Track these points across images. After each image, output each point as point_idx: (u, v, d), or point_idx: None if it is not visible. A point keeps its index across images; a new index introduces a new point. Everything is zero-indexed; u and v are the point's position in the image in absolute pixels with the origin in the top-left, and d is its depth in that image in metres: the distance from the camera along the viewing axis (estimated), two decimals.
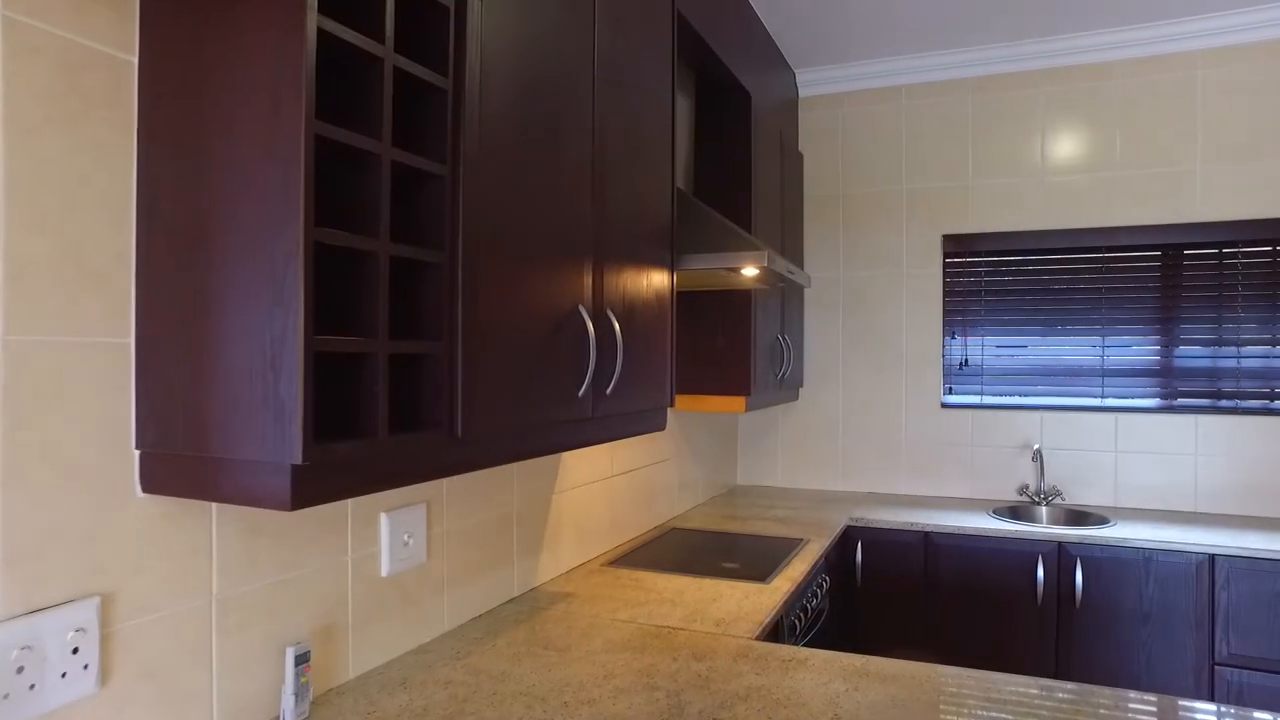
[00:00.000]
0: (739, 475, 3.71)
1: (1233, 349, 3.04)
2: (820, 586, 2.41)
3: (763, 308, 2.80)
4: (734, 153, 2.79)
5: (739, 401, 2.69)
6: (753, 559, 2.32)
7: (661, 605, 1.88)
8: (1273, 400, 2.98)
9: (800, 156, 3.52)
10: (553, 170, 1.38)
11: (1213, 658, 2.55)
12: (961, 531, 2.79)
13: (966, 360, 3.37)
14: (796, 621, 2.10)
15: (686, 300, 2.72)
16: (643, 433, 1.79)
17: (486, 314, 1.19)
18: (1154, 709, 1.34)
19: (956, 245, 3.37)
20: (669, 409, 1.92)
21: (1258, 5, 2.92)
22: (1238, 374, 3.03)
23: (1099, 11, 2.94)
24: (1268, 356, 3.00)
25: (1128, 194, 3.15)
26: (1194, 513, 3.02)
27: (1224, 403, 3.04)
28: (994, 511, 3.03)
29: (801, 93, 3.60)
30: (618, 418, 1.66)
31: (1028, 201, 3.28)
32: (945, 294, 3.40)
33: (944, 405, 3.39)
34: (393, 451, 1.06)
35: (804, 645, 2.15)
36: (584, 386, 1.44)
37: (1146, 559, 2.61)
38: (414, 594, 1.58)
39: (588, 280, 1.49)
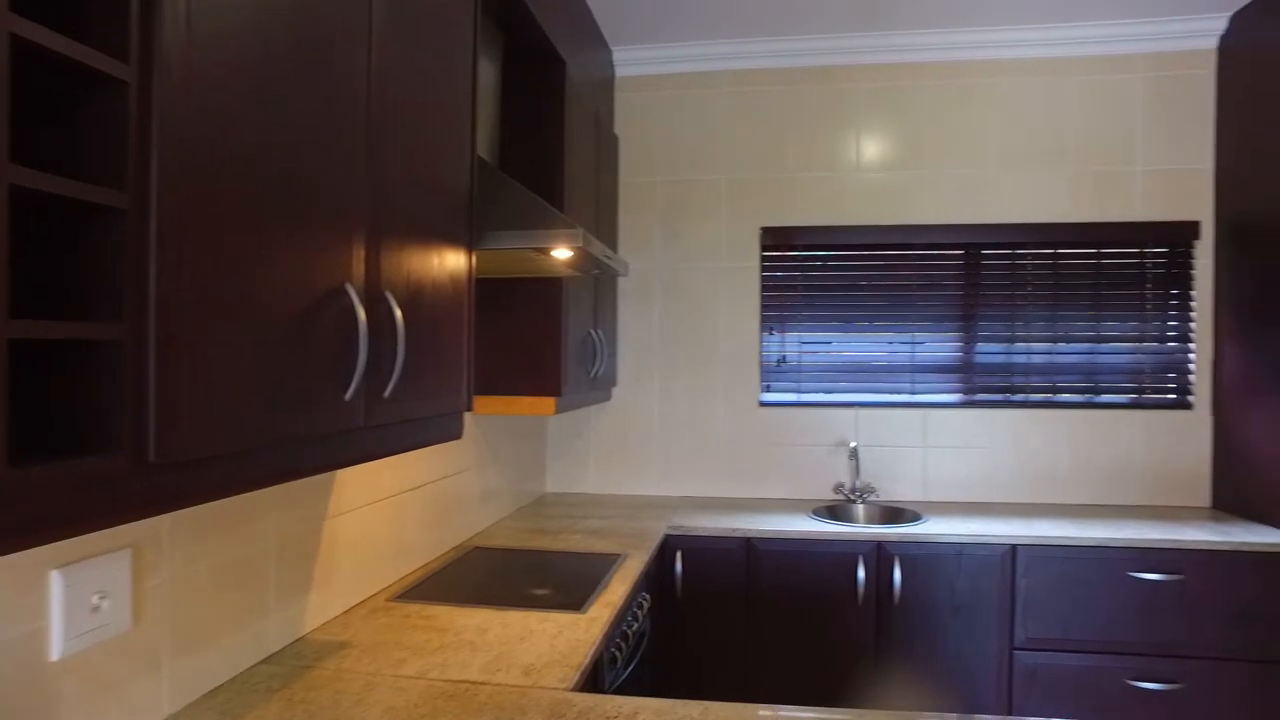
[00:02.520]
0: (548, 483, 3.43)
1: (1024, 346, 3.20)
2: (640, 607, 2.19)
3: (574, 299, 2.55)
4: (545, 127, 2.51)
5: (548, 403, 2.42)
6: (566, 582, 2.06)
7: (459, 650, 1.56)
8: (1055, 394, 3.18)
9: (616, 139, 3.31)
10: (311, 114, 1.03)
11: (1012, 642, 2.62)
12: (784, 536, 2.70)
13: (784, 357, 3.32)
14: (617, 653, 1.86)
15: (488, 289, 2.41)
16: (433, 442, 1.47)
17: (199, 287, 0.83)
18: None
19: (775, 238, 3.30)
20: (466, 413, 1.60)
21: (1052, 24, 3.08)
22: (1027, 369, 3.20)
23: (915, 12, 2.97)
24: (1050, 353, 3.19)
25: (934, 193, 3.23)
26: (994, 503, 3.14)
27: (1015, 397, 3.20)
28: (813, 512, 2.97)
29: (618, 73, 3.39)
30: (401, 426, 1.33)
31: (843, 197, 3.28)
32: (763, 288, 3.33)
33: (762, 403, 3.32)
34: (27, 492, 0.68)
35: (627, 677, 1.92)
36: (353, 388, 1.11)
37: (958, 553, 2.64)
38: (109, 677, 1.16)
39: (359, 254, 1.15)
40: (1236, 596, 2.55)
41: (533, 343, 2.42)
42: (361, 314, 1.10)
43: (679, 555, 2.72)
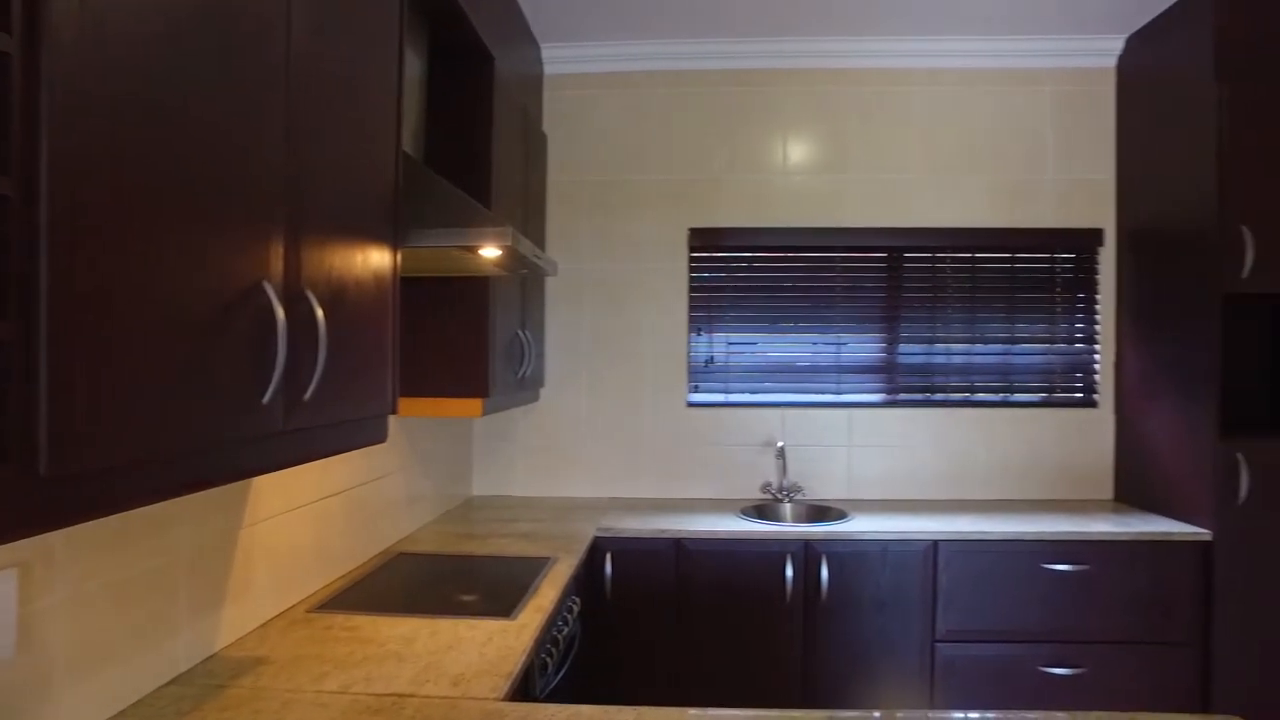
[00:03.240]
0: (475, 485, 3.37)
1: (943, 347, 3.31)
2: (571, 610, 2.16)
3: (501, 299, 2.50)
4: (473, 124, 2.45)
5: (475, 404, 2.36)
6: (495, 587, 2.02)
7: (384, 662, 1.51)
8: (973, 394, 3.30)
9: (544, 138, 3.27)
10: (225, 104, 0.97)
11: (934, 635, 2.70)
12: (713, 536, 2.71)
13: (712, 358, 3.34)
14: (548, 659, 1.83)
15: (414, 288, 2.34)
16: (357, 446, 1.42)
17: (98, 284, 0.77)
18: None
19: (703, 239, 3.32)
20: (391, 415, 1.55)
21: (967, 36, 3.19)
22: (947, 370, 3.31)
23: (841, 19, 3.03)
24: (968, 354, 3.30)
25: (859, 197, 3.30)
26: (916, 500, 3.23)
27: (936, 396, 3.30)
28: (742, 512, 3.00)
29: (547, 70, 3.35)
30: (323, 430, 1.27)
31: (770, 199, 3.32)
32: (691, 289, 3.34)
33: (690, 404, 3.33)
34: None
35: (559, 682, 1.89)
36: (270, 391, 1.05)
37: (883, 550, 2.70)
38: None
39: (277, 251, 1.09)
40: (1135, 583, 2.69)
41: (459, 343, 2.37)
42: (280, 313, 1.04)
43: (609, 557, 2.71)
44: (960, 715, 1.35)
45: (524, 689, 1.63)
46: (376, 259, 1.45)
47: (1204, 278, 2.72)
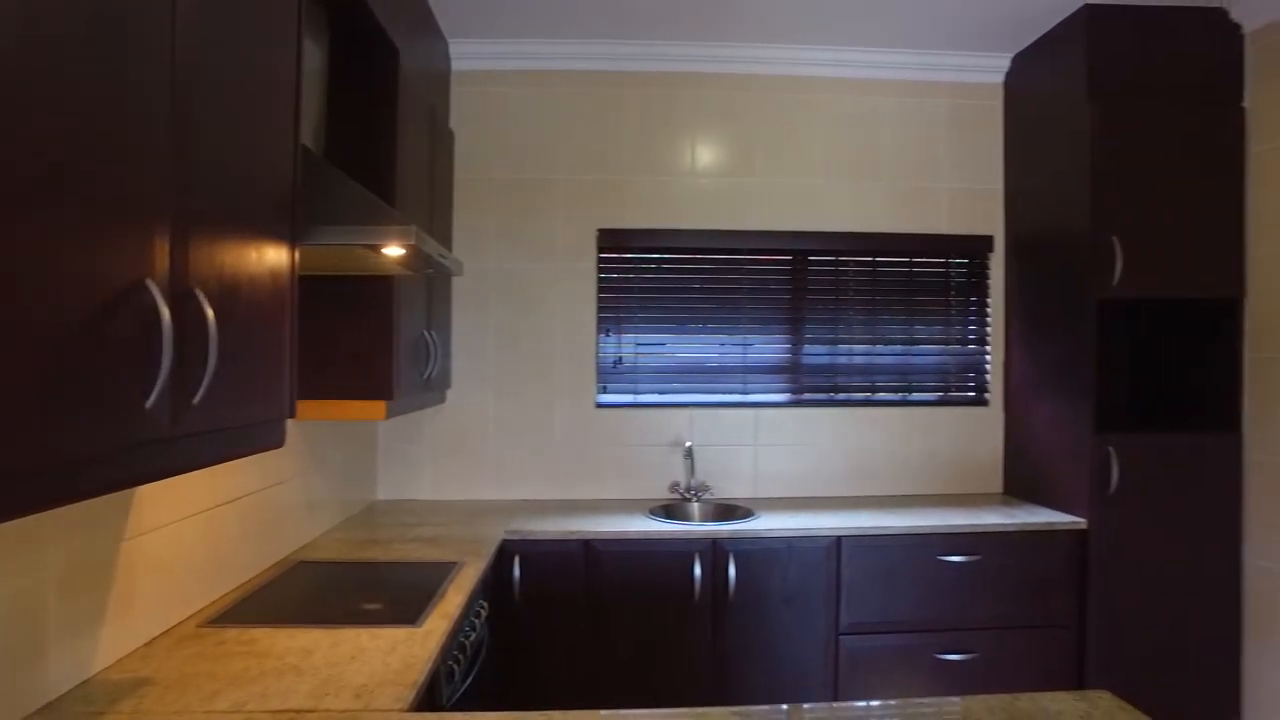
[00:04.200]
0: (379, 490, 3.27)
1: (846, 348, 3.41)
2: (478, 615, 2.13)
3: (407, 299, 2.44)
4: (377, 118, 2.38)
5: (378, 407, 2.30)
6: (400, 594, 1.97)
7: (282, 676, 1.45)
8: (874, 393, 3.42)
9: (451, 135, 3.21)
10: (102, 89, 0.91)
11: (838, 629, 2.79)
12: (622, 536, 2.72)
13: (620, 359, 3.35)
14: (455, 665, 1.79)
15: (314, 287, 2.25)
16: (252, 452, 1.36)
17: None
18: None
19: (611, 240, 3.32)
20: (289, 419, 1.49)
21: (869, 48, 3.30)
22: (849, 370, 3.42)
23: (748, 25, 3.09)
24: (870, 354, 3.42)
25: (765, 200, 3.37)
26: (820, 498, 3.32)
27: (839, 396, 3.40)
28: (650, 512, 3.02)
29: (455, 66, 3.29)
30: (214, 435, 1.21)
31: (679, 201, 3.35)
32: (599, 290, 3.34)
33: (599, 405, 3.33)
34: None
35: (467, 689, 1.86)
36: (155, 395, 0.99)
37: (789, 547, 2.77)
38: None
39: (162, 248, 1.03)
40: (1021, 571, 2.84)
41: (362, 344, 2.30)
42: (165, 312, 0.99)
43: (517, 560, 2.68)
44: (862, 705, 1.40)
45: (430, 698, 1.59)
46: (273, 257, 1.39)
47: (1080, 284, 2.91)
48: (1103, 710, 1.34)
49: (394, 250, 1.78)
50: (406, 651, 1.58)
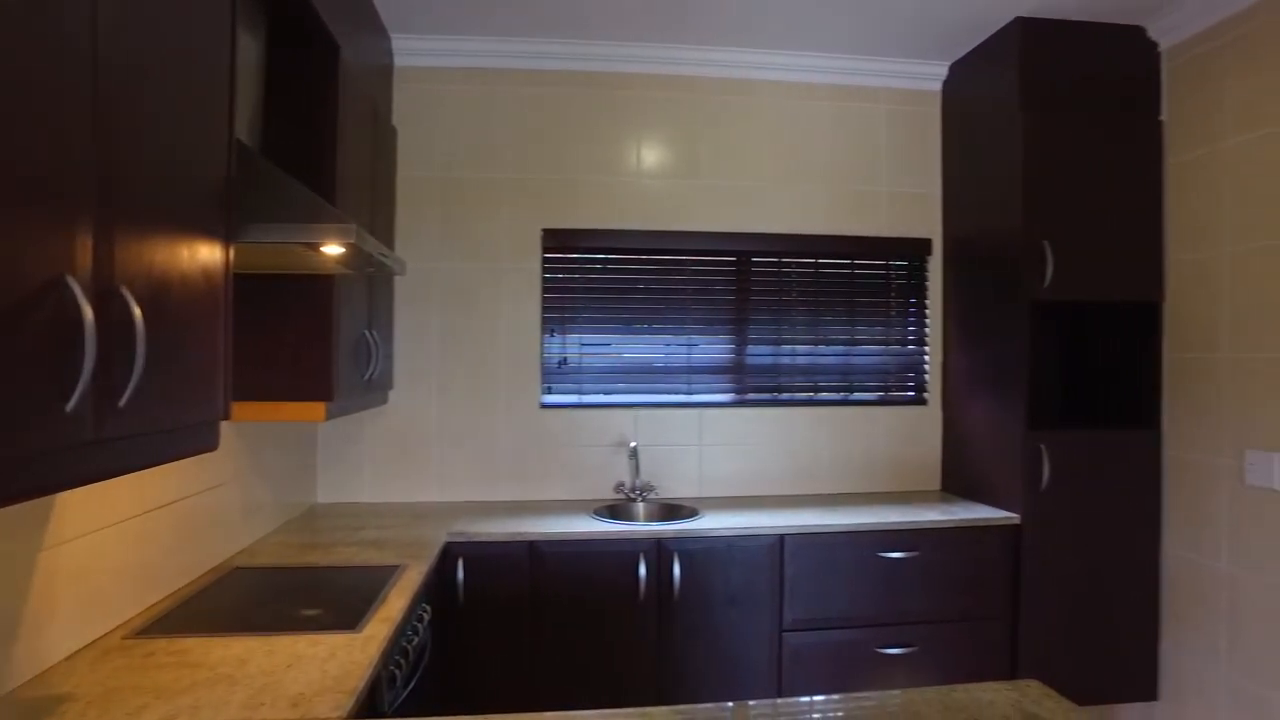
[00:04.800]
0: (319, 493, 3.20)
1: (789, 348, 3.46)
2: (421, 619, 2.10)
3: (347, 298, 2.39)
4: (317, 114, 2.32)
5: (318, 408, 2.25)
6: (340, 599, 1.93)
7: (214, 687, 1.40)
8: (817, 393, 3.48)
9: (394, 132, 3.15)
10: (13, 76, 0.87)
11: (781, 626, 2.82)
12: (566, 537, 2.71)
13: (565, 359, 3.34)
14: (397, 671, 1.76)
15: (251, 285, 2.18)
16: (183, 455, 1.31)
17: None
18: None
19: (556, 240, 3.31)
20: (224, 421, 1.45)
21: (811, 52, 3.35)
22: (792, 370, 3.47)
23: (694, 28, 3.11)
24: (812, 355, 3.48)
25: (709, 202, 3.40)
26: (764, 496, 3.36)
27: (783, 396, 3.45)
28: (595, 512, 3.01)
29: (398, 62, 3.23)
30: (142, 438, 1.17)
31: (624, 201, 3.35)
32: (544, 290, 3.33)
33: (543, 405, 3.31)
34: None
35: (409, 695, 1.83)
36: (76, 397, 0.95)
37: (732, 546, 2.80)
38: None
39: (84, 244, 0.99)
40: (958, 566, 2.93)
41: (301, 344, 2.24)
42: (88, 311, 0.95)
43: (461, 562, 2.65)
44: (806, 700, 1.42)
45: (371, 705, 1.57)
46: (206, 254, 1.35)
47: (1014, 286, 3.00)
48: (1032, 698, 1.38)
49: (333, 249, 1.75)
50: (346, 658, 1.55)
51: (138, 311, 1.07)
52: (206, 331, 1.35)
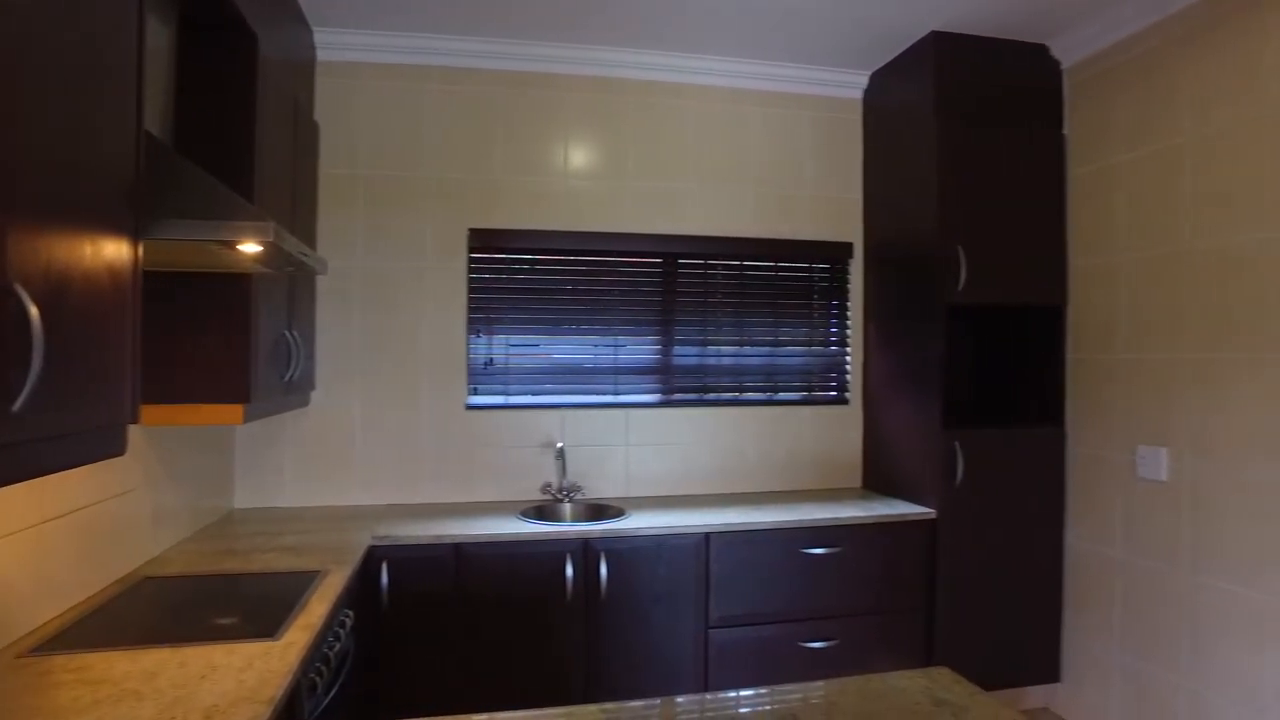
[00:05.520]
0: (237, 498, 3.10)
1: (715, 349, 3.52)
2: (343, 625, 2.06)
3: (266, 297, 2.33)
4: (234, 107, 2.25)
5: (235, 410, 2.18)
6: (258, 607, 1.87)
7: (120, 703, 1.35)
8: (742, 393, 3.54)
9: (316, 127, 3.08)
10: None
11: (707, 622, 2.87)
12: (493, 539, 2.69)
13: (491, 360, 3.31)
14: (317, 679, 1.72)
15: (165, 284, 2.10)
16: (87, 462, 1.26)
17: None
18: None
19: (483, 240, 3.28)
20: (131, 425, 1.39)
21: (739, 58, 3.41)
22: (718, 371, 3.52)
23: (622, 30, 3.12)
24: (737, 356, 3.54)
25: (637, 203, 3.42)
26: (690, 495, 3.41)
27: (708, 396, 3.50)
28: (522, 513, 3.00)
29: (320, 56, 3.15)
30: (40, 444, 1.12)
31: (551, 202, 3.35)
32: (470, 290, 3.30)
33: (469, 407, 3.28)
34: None
35: (330, 702, 1.79)
36: None
37: (659, 544, 2.83)
38: None
39: None
40: (878, 560, 3.02)
41: (217, 345, 2.17)
42: None
43: (385, 566, 2.60)
44: (733, 694, 1.45)
45: (290, 714, 1.53)
46: (112, 251, 1.30)
47: (930, 290, 3.12)
48: (941, 684, 1.45)
49: (250, 247, 1.70)
50: (264, 666, 1.51)
51: (34, 311, 1.02)
52: (112, 332, 1.30)
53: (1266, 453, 2.40)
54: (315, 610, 1.85)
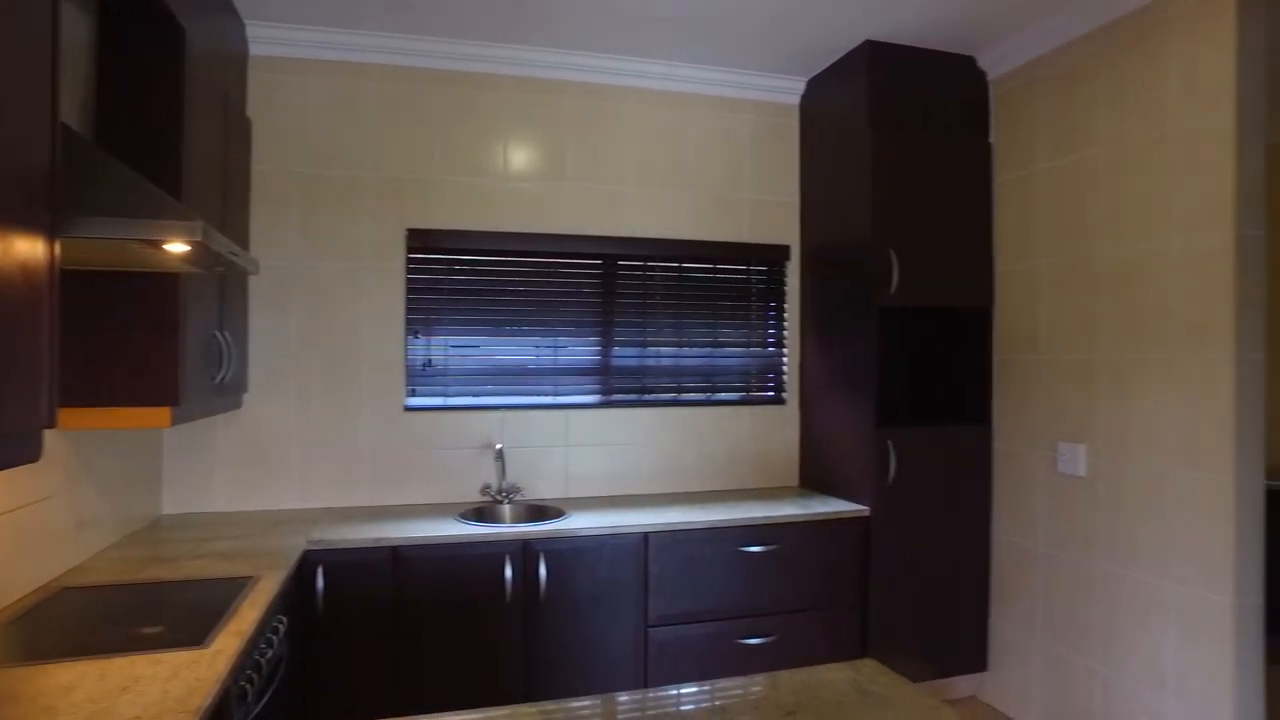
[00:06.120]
0: (165, 503, 3.01)
1: (654, 350, 3.55)
2: (276, 631, 2.02)
3: (196, 297, 2.27)
4: (160, 102, 2.18)
5: (162, 414, 2.12)
6: (186, 615, 1.83)
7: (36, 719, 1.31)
8: (681, 394, 3.58)
9: (249, 123, 3.01)
10: None
11: (646, 622, 2.89)
12: (431, 541, 2.67)
13: (430, 361, 3.28)
14: (248, 687, 1.69)
15: (87, 283, 2.04)
16: None
17: None
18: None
19: (421, 241, 3.25)
20: (48, 429, 1.35)
21: (679, 62, 3.45)
22: (657, 372, 3.56)
23: (562, 32, 3.13)
24: (677, 357, 3.58)
25: (577, 205, 3.43)
26: (630, 496, 3.43)
27: (648, 397, 3.53)
28: (461, 515, 2.99)
29: (253, 50, 3.08)
30: None
31: (490, 202, 3.33)
32: (408, 291, 3.26)
33: (407, 408, 3.25)
34: None
35: (262, 710, 1.76)
36: None
37: (598, 545, 2.84)
38: None
39: None
40: (814, 557, 3.09)
41: (143, 346, 2.11)
42: None
43: (321, 570, 2.56)
44: (674, 690, 1.48)
45: None
46: (25, 249, 1.26)
47: (863, 292, 3.21)
48: (866, 675, 1.50)
49: (177, 246, 1.66)
50: (191, 675, 1.48)
51: None
52: (26, 333, 1.25)
53: (1170, 449, 2.54)
54: (246, 616, 1.82)
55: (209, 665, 1.53)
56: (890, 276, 3.15)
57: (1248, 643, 2.37)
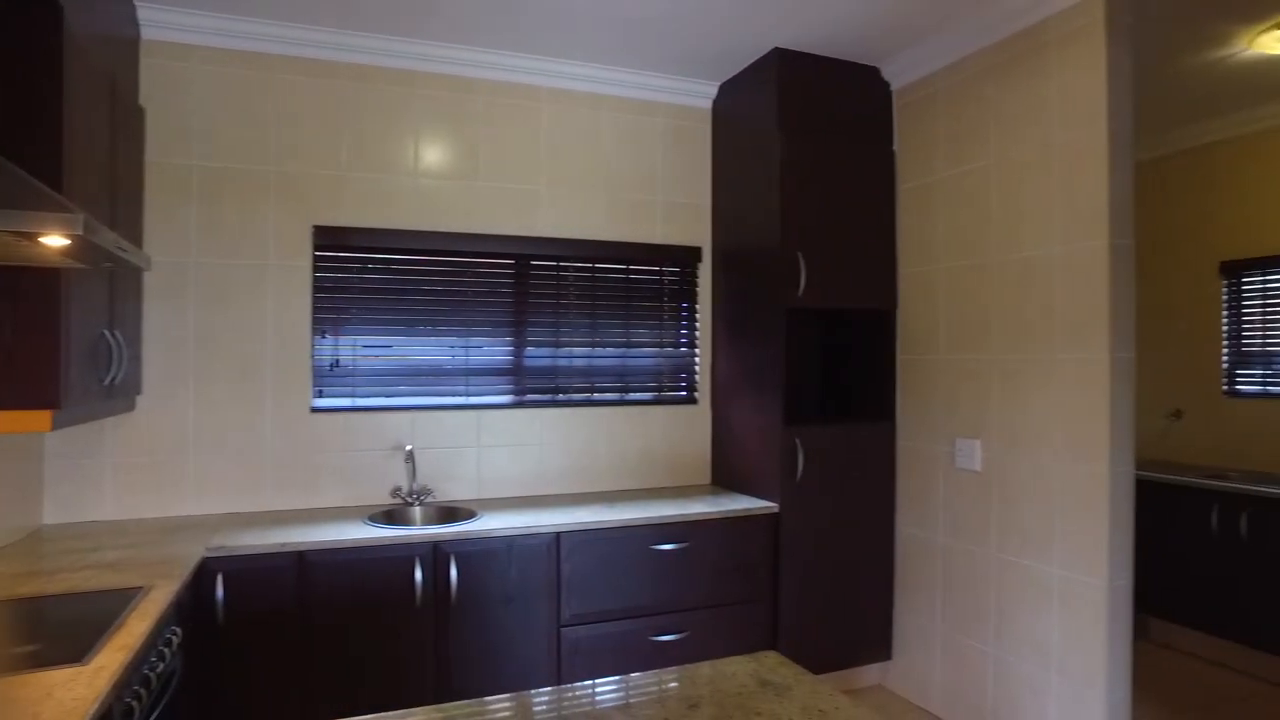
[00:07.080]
0: (46, 513, 2.84)
1: (567, 350, 3.55)
2: (169, 644, 1.94)
3: (80, 295, 2.15)
4: (34, 86, 2.05)
5: (42, 417, 2.01)
6: (64, 631, 1.73)
7: None
8: (594, 394, 3.59)
9: (142, 111, 2.87)
10: None
11: (559, 622, 2.90)
12: (338, 545, 2.60)
13: (338, 361, 3.20)
14: (135, 704, 1.62)
15: None
16: None
17: None
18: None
19: (329, 238, 3.17)
20: None
21: (594, 64, 3.46)
22: (570, 372, 3.56)
23: (475, 29, 3.09)
24: (589, 357, 3.59)
25: (489, 204, 3.40)
26: (544, 496, 3.42)
27: (561, 397, 3.53)
28: (370, 518, 2.92)
29: (145, 34, 2.94)
30: None
31: (400, 200, 3.27)
32: (316, 289, 3.17)
33: (314, 410, 3.16)
34: None
35: None
36: None
37: (509, 546, 2.82)
38: None
39: None
40: (725, 554, 3.15)
41: (20, 345, 2.00)
42: None
43: (220, 579, 2.47)
44: (589, 685, 1.49)
45: None
46: None
47: (772, 294, 3.29)
48: (767, 666, 1.55)
49: (55, 240, 1.57)
50: (66, 695, 1.40)
51: None
52: None
53: (1055, 443, 2.70)
54: (134, 629, 1.73)
55: (88, 684, 1.45)
56: (798, 279, 3.24)
57: (1119, 621, 2.54)
